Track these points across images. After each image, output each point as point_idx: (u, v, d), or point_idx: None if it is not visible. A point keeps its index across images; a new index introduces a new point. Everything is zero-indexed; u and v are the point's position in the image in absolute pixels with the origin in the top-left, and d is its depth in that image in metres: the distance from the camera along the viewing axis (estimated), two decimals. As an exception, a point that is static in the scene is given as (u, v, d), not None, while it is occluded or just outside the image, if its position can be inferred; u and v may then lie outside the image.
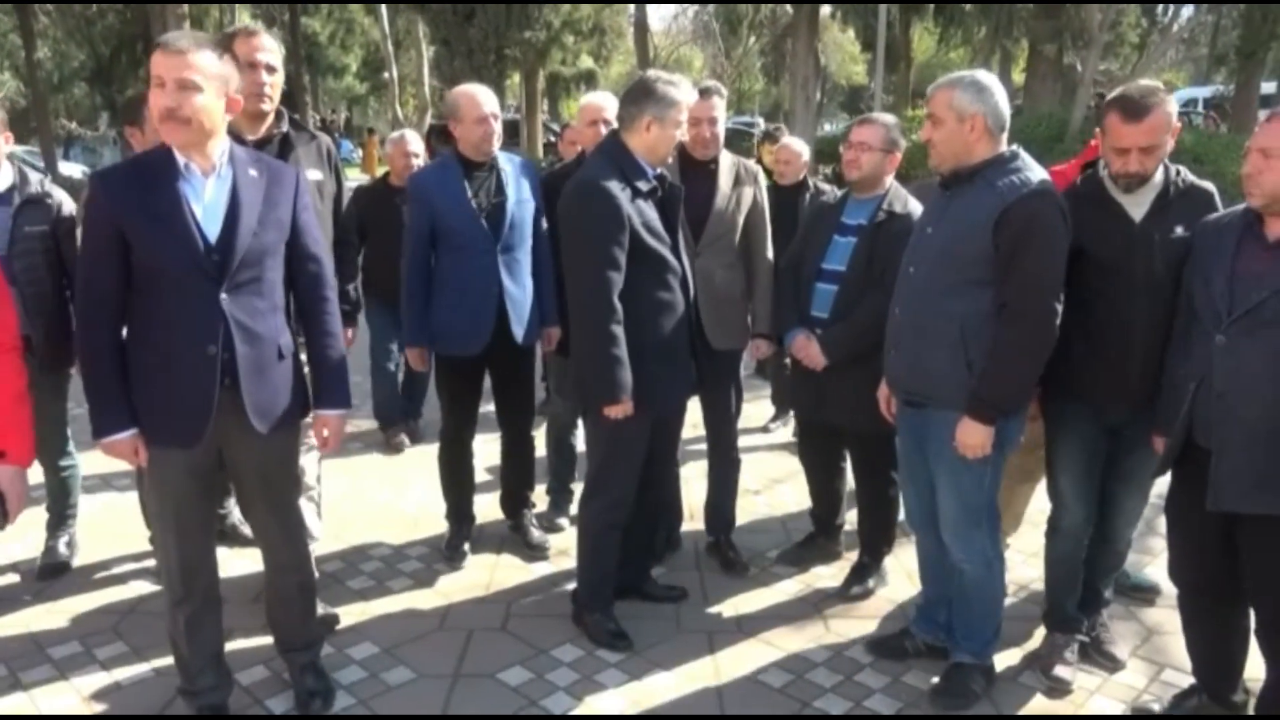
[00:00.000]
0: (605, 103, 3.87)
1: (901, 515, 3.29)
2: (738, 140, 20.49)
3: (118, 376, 2.31)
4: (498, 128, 3.46)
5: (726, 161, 3.50)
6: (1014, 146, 2.63)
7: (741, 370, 3.72)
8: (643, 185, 2.90)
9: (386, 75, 23.85)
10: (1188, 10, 18.66)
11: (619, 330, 2.82)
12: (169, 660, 2.92)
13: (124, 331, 2.35)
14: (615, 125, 3.87)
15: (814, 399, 3.38)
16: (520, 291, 3.52)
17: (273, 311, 2.43)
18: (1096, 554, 2.98)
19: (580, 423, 3.95)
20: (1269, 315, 2.21)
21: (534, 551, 3.77)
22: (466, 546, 3.76)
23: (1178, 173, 2.68)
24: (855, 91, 39.28)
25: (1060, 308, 2.54)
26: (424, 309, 3.51)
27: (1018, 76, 25.39)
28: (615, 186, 2.83)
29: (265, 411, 2.42)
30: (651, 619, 3.27)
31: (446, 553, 3.73)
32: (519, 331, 3.52)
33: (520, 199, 3.51)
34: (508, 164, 3.55)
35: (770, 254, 3.61)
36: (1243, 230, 2.35)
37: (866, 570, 3.52)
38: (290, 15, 25.74)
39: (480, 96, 3.46)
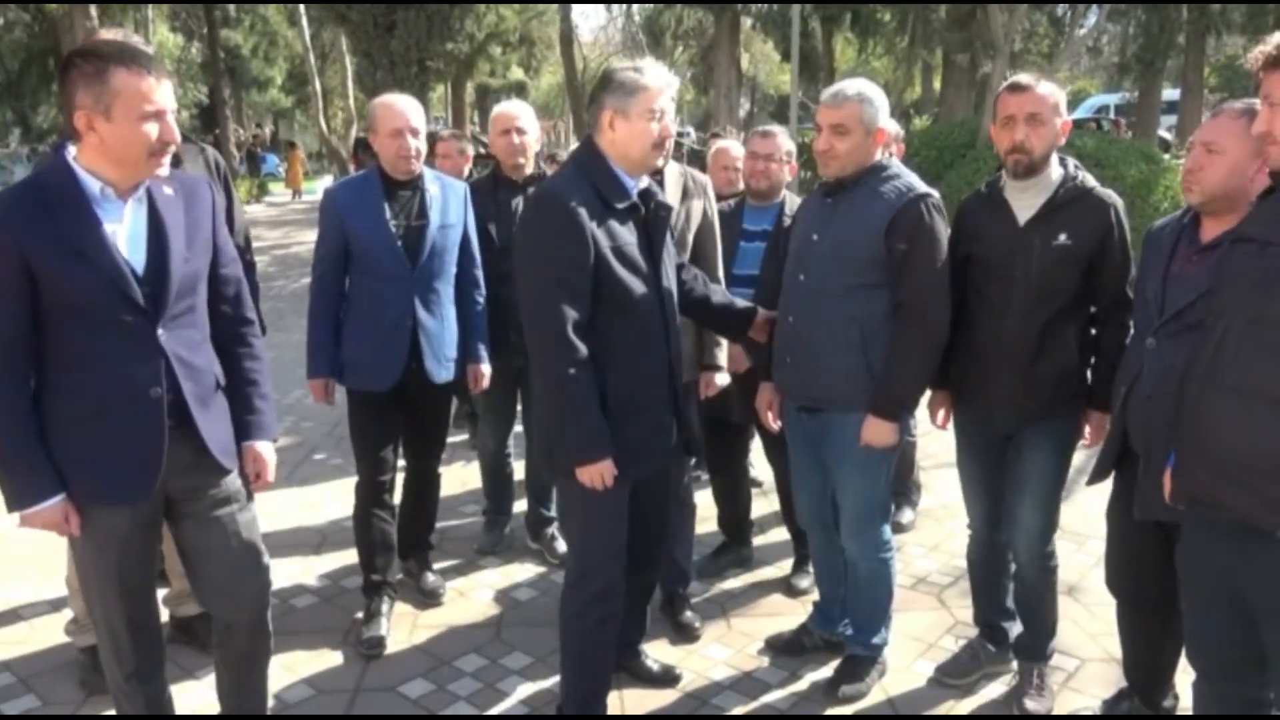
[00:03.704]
0: (518, 111, 3.65)
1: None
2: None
3: (34, 435, 2.02)
4: (418, 144, 3.12)
5: (673, 172, 3.17)
6: (887, 157, 2.75)
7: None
8: (618, 203, 2.41)
9: (310, 88, 23.49)
10: (1091, 19, 19.39)
11: (582, 371, 2.33)
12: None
13: (32, 383, 2.06)
14: (528, 134, 3.62)
15: (734, 399, 3.39)
16: (438, 325, 3.22)
17: (204, 341, 2.22)
18: (1005, 567, 2.95)
19: (514, 446, 3.76)
20: (1194, 319, 2.13)
21: (427, 598, 3.46)
22: (386, 623, 3.25)
23: (1076, 172, 2.63)
24: (784, 101, 39.88)
25: (948, 305, 2.63)
26: (330, 337, 3.20)
27: (939, 85, 26.08)
28: (580, 202, 2.35)
29: (223, 448, 2.22)
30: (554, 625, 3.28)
31: (363, 638, 3.18)
32: (433, 368, 3.21)
33: (444, 224, 3.21)
34: (434, 184, 3.23)
35: (722, 274, 3.31)
36: (1180, 233, 2.33)
37: (808, 559, 3.48)
38: (209, 27, 25.26)
39: (398, 107, 3.13)
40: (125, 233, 2.05)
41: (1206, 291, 2.01)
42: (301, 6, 19.51)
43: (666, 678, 2.96)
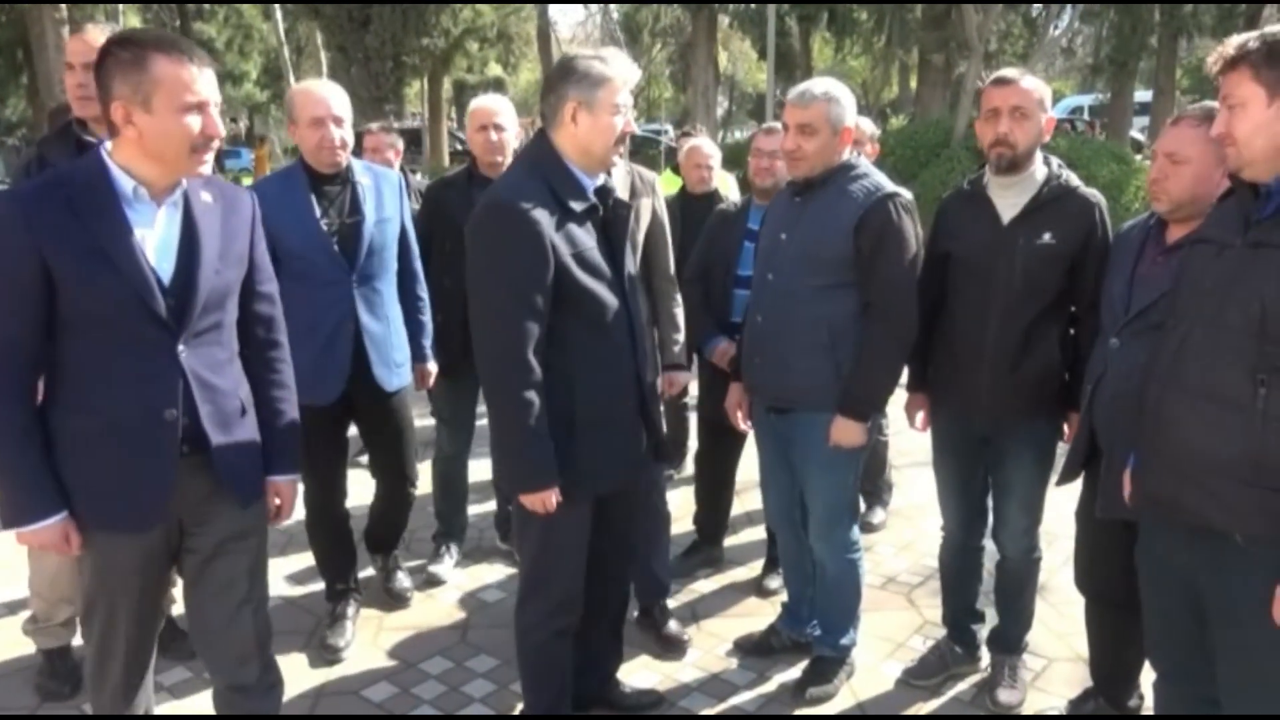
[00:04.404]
0: (497, 106, 3.47)
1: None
2: (645, 148, 20.67)
3: (36, 449, 1.87)
4: (342, 133, 2.90)
5: (620, 171, 3.10)
6: (854, 155, 2.73)
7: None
8: (576, 205, 2.25)
9: (285, 83, 23.27)
10: (1064, 19, 19.59)
11: (534, 396, 2.18)
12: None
13: (41, 391, 1.92)
14: (506, 130, 3.45)
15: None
16: (382, 328, 3.02)
17: (231, 361, 2.06)
18: (976, 569, 2.95)
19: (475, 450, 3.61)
20: (1156, 318, 2.12)
21: (394, 601, 3.42)
22: (350, 627, 3.21)
23: (1060, 171, 2.62)
24: (762, 99, 39.96)
25: (916, 304, 2.61)
26: None
27: (915, 85, 26.22)
28: (535, 206, 2.17)
29: (241, 479, 2.05)
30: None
31: (326, 643, 3.16)
32: (383, 375, 3.04)
33: (380, 218, 3.00)
34: (365, 176, 3.03)
35: (673, 273, 3.33)
36: (1146, 235, 2.36)
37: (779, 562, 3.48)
38: (181, 20, 24.97)
39: (318, 94, 2.90)
40: (155, 239, 1.90)
41: (1169, 290, 2.02)
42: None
43: (649, 700, 2.86)
